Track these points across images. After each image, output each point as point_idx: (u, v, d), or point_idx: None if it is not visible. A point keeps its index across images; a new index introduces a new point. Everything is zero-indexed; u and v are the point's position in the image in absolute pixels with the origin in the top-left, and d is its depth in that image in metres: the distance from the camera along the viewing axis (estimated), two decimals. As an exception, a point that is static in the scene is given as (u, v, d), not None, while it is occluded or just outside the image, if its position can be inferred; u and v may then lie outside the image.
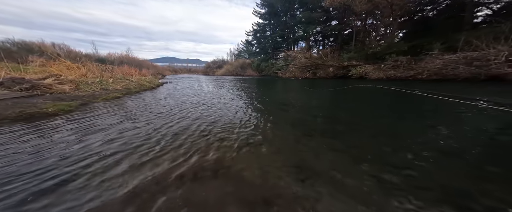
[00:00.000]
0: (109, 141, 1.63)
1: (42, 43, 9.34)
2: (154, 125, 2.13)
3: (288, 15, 21.24)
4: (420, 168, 1.18)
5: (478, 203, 0.88)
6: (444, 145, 1.52)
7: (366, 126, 2.12)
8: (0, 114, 2.25)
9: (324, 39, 19.52)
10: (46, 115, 2.44)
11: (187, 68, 35.51)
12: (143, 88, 5.76)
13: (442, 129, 1.89)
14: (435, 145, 1.52)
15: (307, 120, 2.43)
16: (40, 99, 3.07)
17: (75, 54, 9.84)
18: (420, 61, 8.09)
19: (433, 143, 1.56)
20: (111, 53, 13.71)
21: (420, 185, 1.02)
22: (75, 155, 1.36)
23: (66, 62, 5.64)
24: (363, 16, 14.24)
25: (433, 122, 2.17)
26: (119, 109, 2.95)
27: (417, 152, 1.40)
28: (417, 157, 1.32)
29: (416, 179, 1.07)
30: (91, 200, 0.90)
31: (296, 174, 1.13)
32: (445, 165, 1.22)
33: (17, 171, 1.14)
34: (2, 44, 8.11)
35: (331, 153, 1.43)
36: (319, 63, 12.52)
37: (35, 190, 0.97)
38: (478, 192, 0.96)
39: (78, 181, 1.05)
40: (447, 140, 1.62)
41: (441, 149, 1.44)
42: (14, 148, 1.47)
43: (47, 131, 1.86)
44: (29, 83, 3.57)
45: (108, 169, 1.18)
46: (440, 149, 1.44)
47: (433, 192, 0.96)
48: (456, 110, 2.61)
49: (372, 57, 10.67)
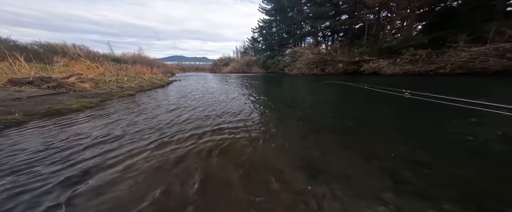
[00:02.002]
0: (130, 127, 1.73)
1: (64, 44, 10.07)
2: (167, 119, 2.20)
3: (295, 11, 20.63)
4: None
5: (508, 206, 0.80)
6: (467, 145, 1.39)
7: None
8: (31, 110, 2.47)
9: (333, 34, 18.75)
10: (71, 110, 2.63)
11: (195, 66, 36.31)
12: (154, 85, 5.99)
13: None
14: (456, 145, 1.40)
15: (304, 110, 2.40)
16: (65, 96, 3.32)
17: (93, 55, 10.48)
18: (442, 54, 7.46)
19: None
20: (125, 53, 14.37)
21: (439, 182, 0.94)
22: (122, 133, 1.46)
23: (86, 62, 6.02)
24: (376, 9, 13.39)
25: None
26: (134, 105, 3.11)
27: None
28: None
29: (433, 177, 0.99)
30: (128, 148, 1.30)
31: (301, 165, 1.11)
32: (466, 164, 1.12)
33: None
34: (31, 46, 8.87)
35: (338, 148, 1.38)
36: (327, 59, 12.09)
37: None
38: (506, 195, 0.87)
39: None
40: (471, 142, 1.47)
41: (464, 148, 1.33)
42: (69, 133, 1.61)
43: (75, 123, 2.02)
44: (55, 82, 3.87)
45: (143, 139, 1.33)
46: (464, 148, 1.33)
47: (453, 190, 0.89)
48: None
49: (386, 51, 10.06)
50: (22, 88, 3.51)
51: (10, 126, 1.93)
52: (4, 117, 2.05)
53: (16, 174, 1.08)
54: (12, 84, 3.67)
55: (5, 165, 1.18)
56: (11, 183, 1.00)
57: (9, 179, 1.04)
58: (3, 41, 7.93)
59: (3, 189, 0.95)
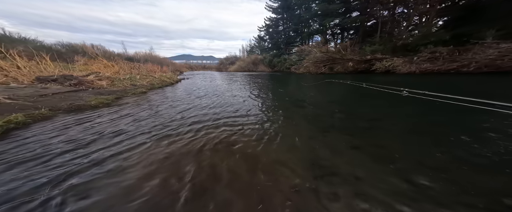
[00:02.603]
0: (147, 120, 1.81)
1: (84, 44, 10.78)
2: (177, 115, 2.27)
3: (303, 8, 20.13)
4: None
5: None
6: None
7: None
8: (56, 105, 2.68)
9: (342, 32, 18.05)
10: (90, 107, 2.82)
11: (202, 65, 36.99)
12: (164, 83, 6.20)
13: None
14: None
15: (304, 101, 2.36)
16: (85, 93, 3.55)
17: (109, 54, 11.12)
18: (466, 51, 6.86)
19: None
20: (137, 52, 15.09)
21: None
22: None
23: (103, 61, 6.40)
24: (391, 5, 12.63)
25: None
26: (146, 102, 3.26)
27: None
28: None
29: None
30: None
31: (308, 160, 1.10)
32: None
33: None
34: (54, 46, 9.61)
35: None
36: (336, 57, 11.67)
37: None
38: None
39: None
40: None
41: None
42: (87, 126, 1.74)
43: (94, 119, 2.16)
44: (76, 80, 4.16)
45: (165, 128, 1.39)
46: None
47: (479, 198, 0.83)
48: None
49: (401, 49, 9.49)
50: (48, 85, 3.82)
51: (38, 121, 2.11)
52: (33, 112, 2.25)
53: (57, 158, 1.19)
54: (39, 81, 4.00)
55: (47, 153, 1.30)
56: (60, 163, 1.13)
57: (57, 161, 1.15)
58: (31, 41, 8.68)
59: (55, 166, 1.08)
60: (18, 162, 1.21)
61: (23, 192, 0.94)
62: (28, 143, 1.50)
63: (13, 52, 4.67)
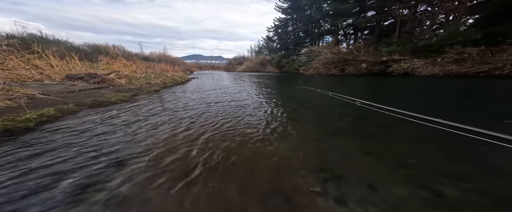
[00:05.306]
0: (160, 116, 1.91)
1: (106, 45, 11.75)
2: (187, 114, 2.35)
3: (313, 9, 19.70)
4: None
5: None
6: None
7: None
8: (82, 101, 2.93)
9: (356, 32, 17.28)
10: (110, 103, 3.04)
11: (211, 65, 38.08)
12: (176, 82, 6.49)
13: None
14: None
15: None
16: (106, 91, 3.85)
17: (128, 54, 11.96)
18: (500, 52, 6.13)
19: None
20: (152, 52, 16.05)
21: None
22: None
23: (122, 60, 6.90)
24: (412, 3, 11.78)
25: None
26: (159, 99, 3.44)
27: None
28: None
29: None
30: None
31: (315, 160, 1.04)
32: None
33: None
34: (82, 47, 10.61)
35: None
36: (349, 58, 11.19)
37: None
38: None
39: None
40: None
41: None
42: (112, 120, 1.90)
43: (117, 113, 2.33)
44: (99, 78, 4.53)
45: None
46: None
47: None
48: None
49: (423, 50, 8.78)
50: (75, 83, 4.22)
51: (66, 114, 2.34)
52: (62, 106, 2.49)
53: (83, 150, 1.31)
54: (68, 79, 4.44)
55: (78, 142, 1.44)
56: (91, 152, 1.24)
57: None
58: (63, 43, 9.66)
59: (91, 156, 1.18)
60: (63, 144, 1.40)
61: (80, 160, 1.17)
62: (67, 130, 1.69)
63: (48, 52, 5.25)
